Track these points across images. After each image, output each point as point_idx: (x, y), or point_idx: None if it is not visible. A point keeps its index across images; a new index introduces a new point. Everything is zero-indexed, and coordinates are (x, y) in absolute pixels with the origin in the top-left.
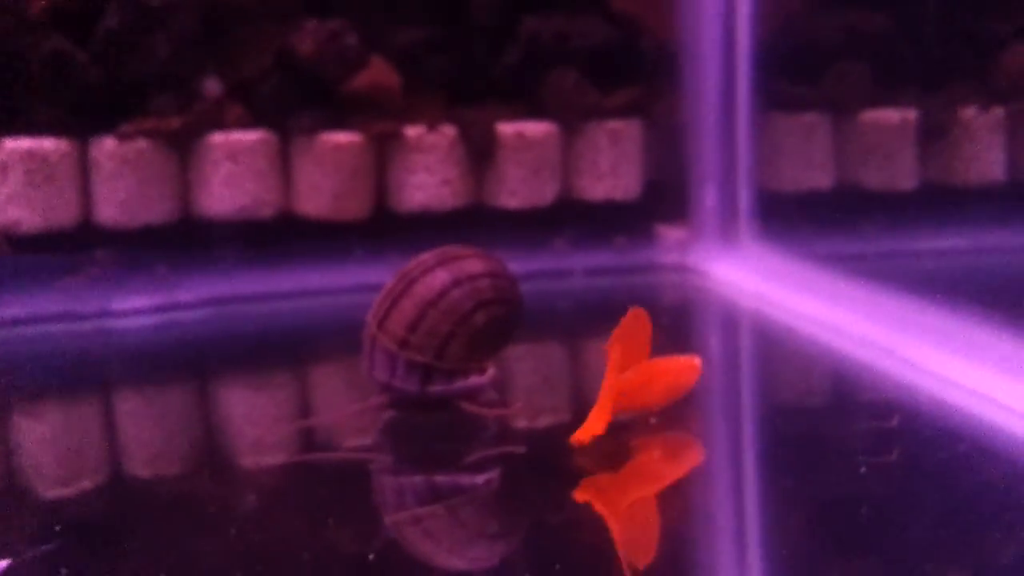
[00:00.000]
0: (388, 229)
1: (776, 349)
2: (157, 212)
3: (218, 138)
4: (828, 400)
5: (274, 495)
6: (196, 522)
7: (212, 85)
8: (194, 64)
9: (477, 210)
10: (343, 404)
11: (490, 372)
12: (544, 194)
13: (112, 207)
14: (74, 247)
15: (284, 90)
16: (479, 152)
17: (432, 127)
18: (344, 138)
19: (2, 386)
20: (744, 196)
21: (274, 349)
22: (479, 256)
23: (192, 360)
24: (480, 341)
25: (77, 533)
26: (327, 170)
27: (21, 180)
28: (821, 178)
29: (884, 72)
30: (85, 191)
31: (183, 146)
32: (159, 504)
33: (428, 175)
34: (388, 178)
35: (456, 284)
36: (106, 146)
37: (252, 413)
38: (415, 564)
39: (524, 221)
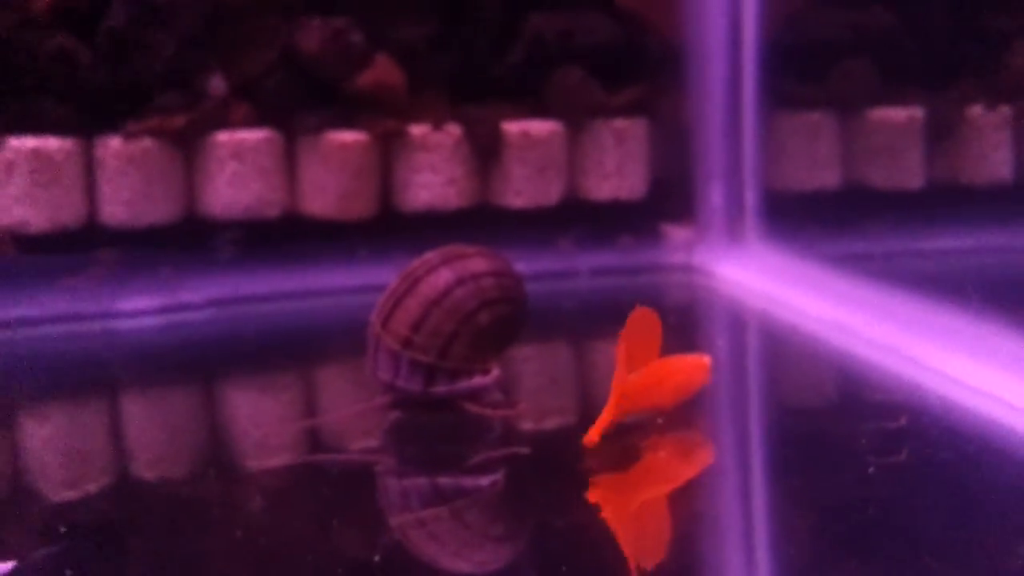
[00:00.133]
0: (393, 228)
1: (783, 349)
2: (162, 212)
3: (223, 137)
4: (835, 400)
5: (278, 497)
6: (200, 524)
7: (217, 84)
8: (199, 63)
9: (482, 209)
10: (347, 404)
11: (494, 372)
12: (549, 193)
13: (117, 206)
14: (79, 247)
15: (289, 88)
16: (484, 151)
17: (437, 126)
18: (349, 137)
19: (7, 387)
20: (750, 195)
21: (279, 349)
22: (484, 255)
23: (197, 360)
24: (484, 341)
25: (82, 535)
26: (332, 169)
27: (26, 180)
28: (827, 177)
29: (890, 70)
30: (90, 191)
31: (188, 145)
32: (164, 506)
33: (433, 174)
34: (393, 177)
35: (460, 283)
36: (111, 145)
37: (257, 414)
38: (420, 567)
39: (529, 220)
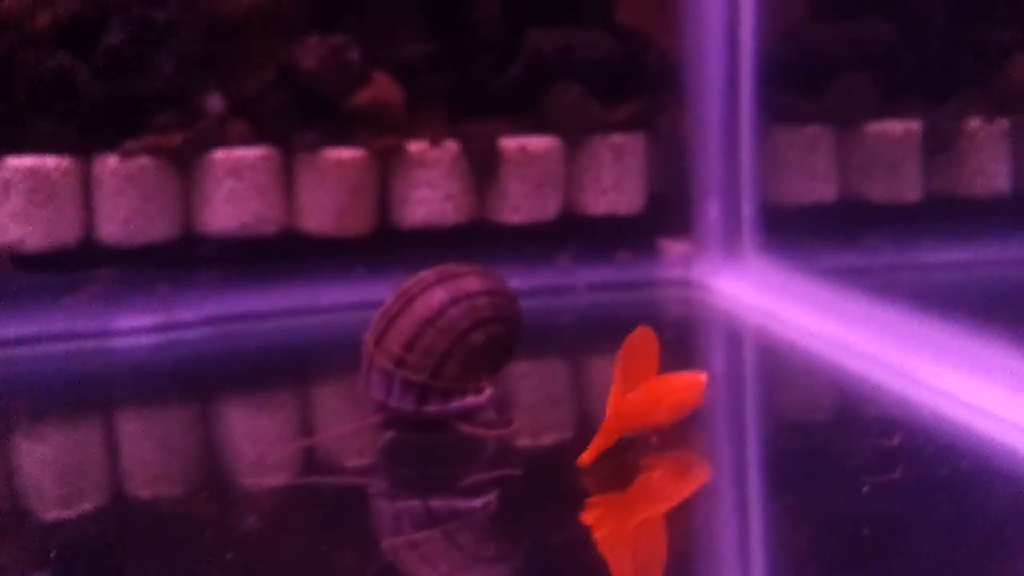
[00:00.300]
0: (391, 245)
1: (780, 364)
2: (159, 230)
3: (220, 155)
4: (832, 417)
5: (270, 518)
6: (192, 546)
7: (215, 102)
8: (197, 81)
9: (480, 226)
10: (342, 424)
11: (487, 392)
12: (547, 209)
13: (114, 225)
14: (76, 265)
15: (287, 106)
16: (482, 167)
17: (435, 142)
18: (347, 154)
19: (3, 406)
20: (748, 209)
21: (277, 367)
22: (478, 274)
23: (194, 379)
24: (478, 360)
25: (77, 555)
26: (330, 186)
27: (24, 199)
28: (825, 191)
29: (888, 83)
30: (87, 209)
31: (185, 163)
32: (157, 526)
33: (431, 190)
34: (391, 194)
35: (454, 302)
36: (108, 163)
37: (253, 433)
38: None
39: (527, 236)
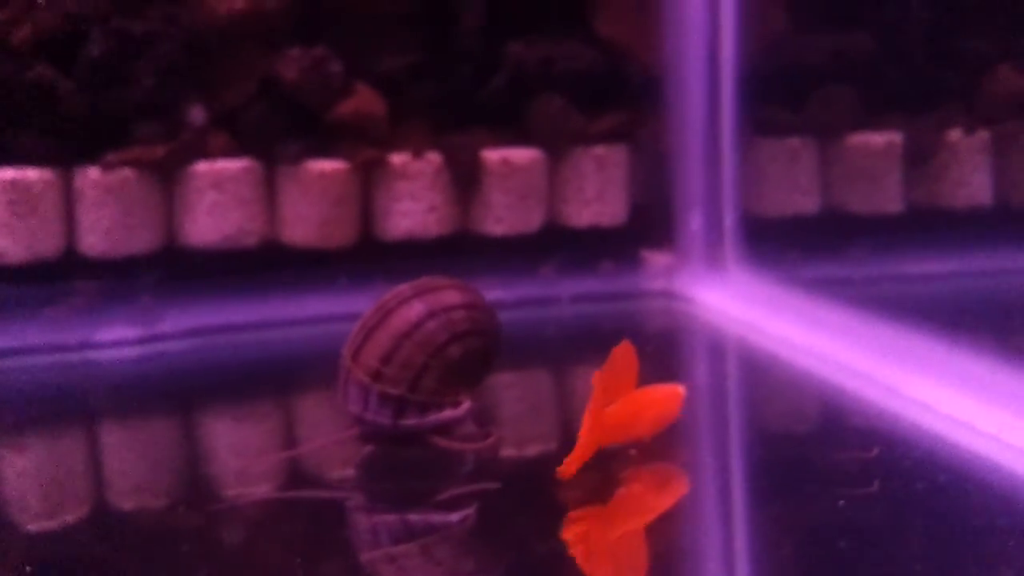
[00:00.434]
0: (373, 257)
1: (761, 376)
2: (141, 242)
3: (202, 167)
4: (813, 428)
5: (248, 532)
6: (169, 559)
7: (197, 114)
8: (179, 93)
9: (463, 237)
10: (317, 437)
11: (465, 405)
12: (530, 221)
13: (96, 237)
14: (58, 277)
15: (269, 118)
16: (464, 179)
17: (417, 154)
18: (329, 166)
19: None
20: (729, 221)
21: (259, 379)
22: (456, 287)
23: (176, 391)
24: (455, 374)
25: (59, 567)
26: (312, 198)
27: (5, 211)
28: (807, 202)
29: (870, 96)
30: (69, 221)
31: (167, 175)
32: (139, 538)
33: (413, 202)
34: (373, 206)
35: (431, 316)
36: (90, 175)
37: (235, 445)
38: None
39: (510, 248)
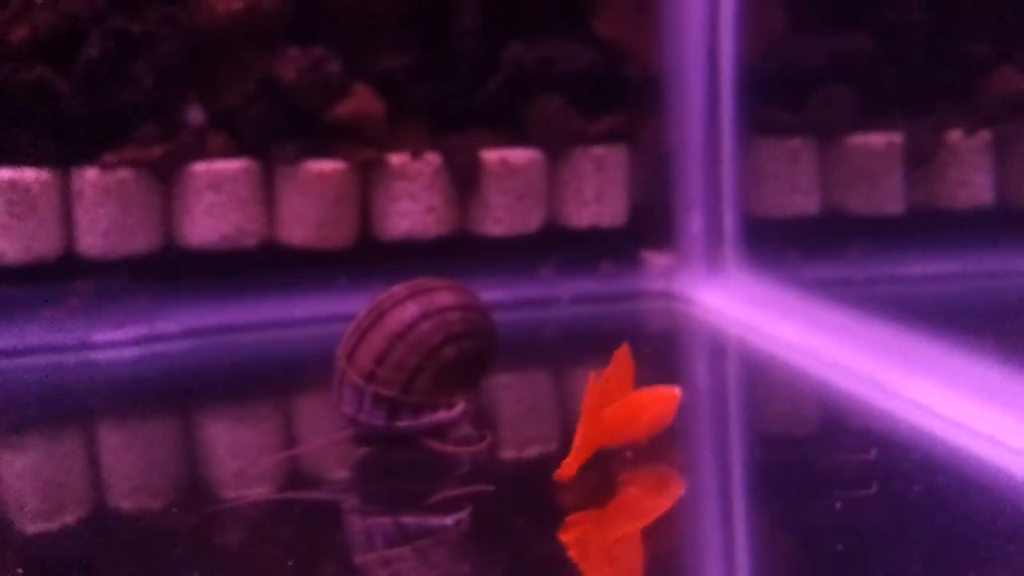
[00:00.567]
0: (372, 257)
1: (761, 377)
2: (139, 242)
3: (200, 167)
4: (812, 429)
5: (242, 534)
6: (163, 561)
7: (195, 114)
8: (177, 93)
9: (462, 238)
10: (312, 439)
11: (459, 407)
12: (529, 221)
13: (94, 237)
14: (56, 278)
15: (267, 118)
16: (463, 179)
17: (416, 154)
18: (328, 166)
19: None
20: (729, 222)
21: (257, 380)
22: (451, 288)
23: (174, 392)
24: (449, 375)
25: (57, 568)
26: (311, 198)
27: (3, 211)
28: (807, 203)
29: (869, 96)
30: (67, 221)
31: (166, 175)
32: (133, 539)
33: (412, 203)
34: (372, 206)
35: (425, 317)
36: (88, 176)
37: (232, 446)
38: None
39: (509, 248)
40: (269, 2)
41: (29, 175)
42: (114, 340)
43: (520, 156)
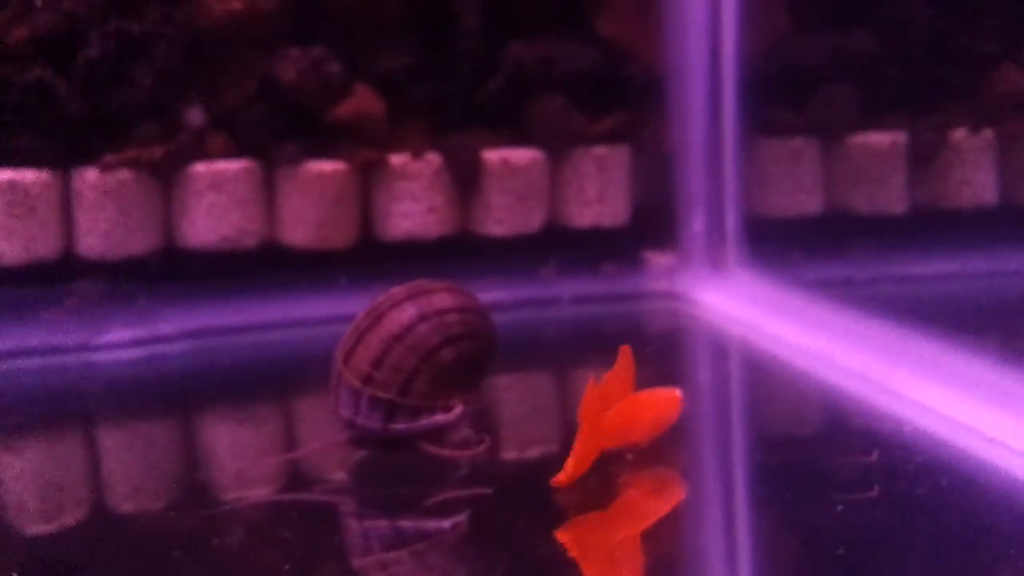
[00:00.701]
0: (373, 258)
1: (763, 377)
2: (139, 243)
3: (201, 168)
4: (814, 431)
5: (238, 536)
6: (161, 563)
7: (195, 115)
8: (177, 94)
9: (463, 238)
10: (311, 441)
11: (457, 410)
12: (531, 221)
13: (94, 238)
14: (55, 279)
15: (268, 119)
16: (464, 180)
17: (417, 155)
18: (328, 166)
19: None
20: (732, 221)
21: (258, 382)
22: (450, 290)
23: (174, 393)
24: (448, 378)
25: (57, 570)
26: (311, 199)
27: (2, 212)
28: (809, 203)
29: (873, 95)
30: (67, 222)
31: (166, 176)
32: (134, 541)
33: (413, 203)
34: (373, 206)
35: (423, 319)
36: (88, 177)
37: (232, 448)
38: None
39: (511, 249)
40: (268, 2)
41: (29, 176)
42: (114, 341)
43: (521, 156)
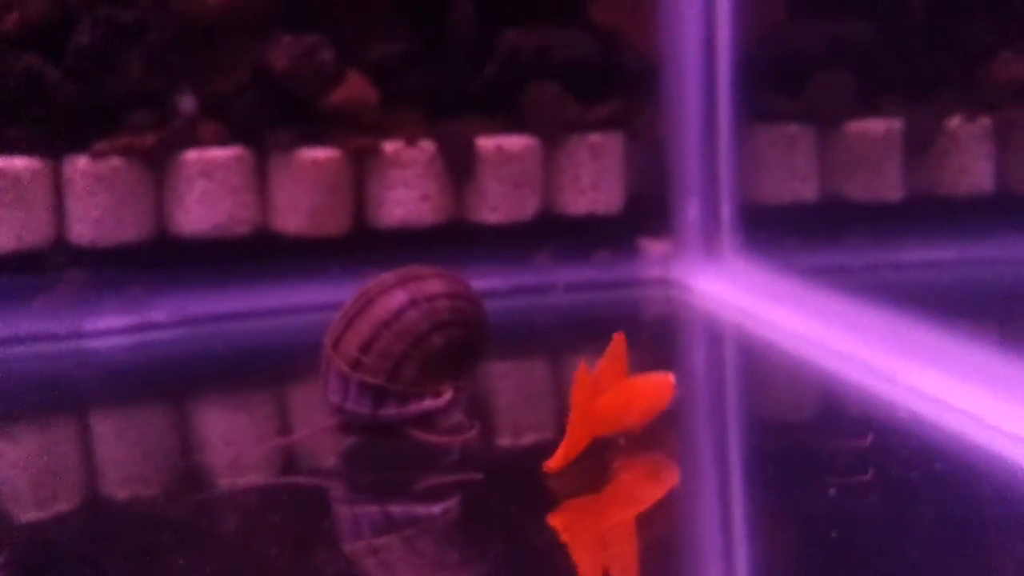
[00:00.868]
0: (367, 245)
1: (758, 364)
2: (131, 231)
3: (193, 155)
4: (810, 416)
5: (227, 523)
6: (152, 548)
7: (187, 102)
8: (169, 81)
9: (457, 225)
10: (301, 427)
11: (446, 396)
12: (525, 209)
13: (86, 226)
14: (47, 267)
15: (260, 106)
16: (459, 167)
17: (411, 142)
18: (322, 154)
19: None
20: (727, 209)
21: (250, 368)
22: (440, 276)
23: (166, 380)
24: (437, 363)
25: (50, 556)
26: (304, 186)
27: None
28: (805, 190)
29: (869, 82)
30: (58, 210)
31: (158, 164)
32: (124, 526)
33: (407, 190)
34: (366, 194)
35: (413, 304)
36: (79, 164)
37: (225, 434)
38: None
39: (505, 236)
40: None
41: (20, 164)
42: (106, 329)
43: (516, 143)
